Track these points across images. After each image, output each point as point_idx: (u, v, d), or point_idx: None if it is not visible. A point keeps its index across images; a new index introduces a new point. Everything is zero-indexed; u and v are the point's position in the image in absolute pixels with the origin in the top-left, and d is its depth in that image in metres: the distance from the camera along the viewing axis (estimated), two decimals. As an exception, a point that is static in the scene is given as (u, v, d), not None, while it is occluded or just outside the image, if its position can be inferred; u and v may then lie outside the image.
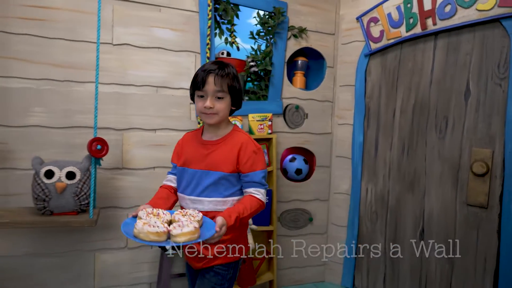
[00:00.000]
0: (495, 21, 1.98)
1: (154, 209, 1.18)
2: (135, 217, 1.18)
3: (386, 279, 2.46)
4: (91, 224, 1.71)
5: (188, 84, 2.17)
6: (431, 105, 2.24)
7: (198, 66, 2.24)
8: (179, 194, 1.38)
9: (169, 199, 1.38)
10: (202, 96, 1.28)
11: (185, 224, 1.05)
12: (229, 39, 2.39)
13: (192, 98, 1.36)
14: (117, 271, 2.14)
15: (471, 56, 2.09)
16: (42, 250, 1.98)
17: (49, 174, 1.66)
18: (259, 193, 1.32)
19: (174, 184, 1.43)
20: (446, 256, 2.18)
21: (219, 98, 1.27)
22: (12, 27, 1.86)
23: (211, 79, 1.25)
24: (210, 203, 1.30)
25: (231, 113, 1.37)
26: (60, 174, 1.68)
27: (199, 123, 2.22)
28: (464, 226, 2.11)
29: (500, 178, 1.97)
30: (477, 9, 2.01)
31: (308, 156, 2.63)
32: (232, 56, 2.43)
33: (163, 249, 1.74)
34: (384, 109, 2.45)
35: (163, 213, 1.16)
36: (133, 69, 2.10)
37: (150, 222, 1.04)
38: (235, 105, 1.35)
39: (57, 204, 1.67)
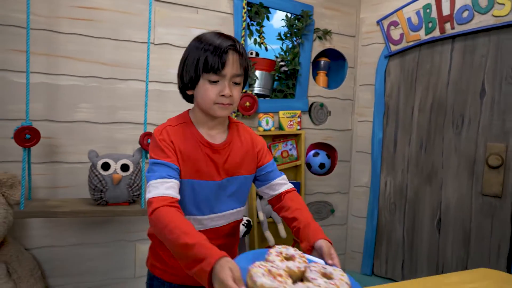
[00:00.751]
0: (509, 26, 2.16)
1: (290, 249, 0.82)
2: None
3: (404, 266, 2.63)
4: (143, 213, 1.81)
5: None
6: (448, 104, 2.42)
7: (232, 65, 2.35)
8: (193, 217, 1.01)
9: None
10: (215, 82, 0.94)
11: None
12: (258, 39, 2.51)
13: (188, 84, 0.99)
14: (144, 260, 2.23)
15: (486, 58, 2.26)
16: (87, 241, 2.07)
17: (106, 166, 1.76)
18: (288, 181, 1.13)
19: (179, 196, 0.93)
20: (462, 244, 2.36)
21: (236, 83, 0.97)
22: (62, 27, 1.94)
23: (231, 58, 0.93)
24: (232, 215, 1.06)
25: None
26: (115, 166, 1.77)
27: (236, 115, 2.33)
28: (480, 215, 2.29)
29: (513, 170, 2.16)
30: (493, 15, 2.19)
31: (330, 151, 2.78)
32: (260, 56, 2.55)
33: None
34: (403, 108, 2.62)
35: (299, 258, 0.78)
36: (172, 67, 2.20)
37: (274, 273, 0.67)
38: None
39: (112, 194, 1.77)
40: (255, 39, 2.51)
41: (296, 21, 2.51)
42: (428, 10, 2.42)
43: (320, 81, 2.71)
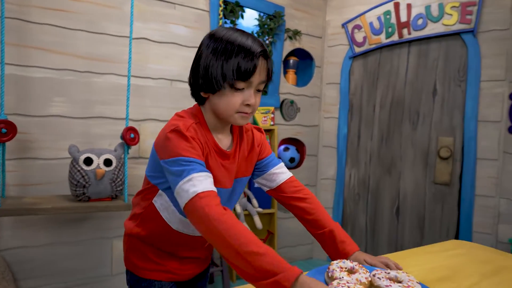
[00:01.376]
0: (456, 34, 2.45)
1: (347, 262, 0.81)
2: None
3: (367, 251, 2.85)
4: (127, 208, 1.80)
5: None
6: (405, 102, 2.67)
7: (209, 61, 2.39)
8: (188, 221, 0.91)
9: None
10: (241, 89, 0.84)
11: None
12: (232, 37, 2.57)
13: (207, 86, 0.86)
14: (132, 256, 2.22)
15: (437, 61, 2.54)
16: (61, 240, 2.00)
17: (88, 161, 1.73)
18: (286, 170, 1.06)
19: None
20: (417, 228, 2.63)
21: (258, 90, 0.88)
22: (34, 16, 1.86)
23: (261, 64, 0.84)
24: None
25: None
26: (98, 161, 1.74)
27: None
28: (432, 202, 2.57)
29: (459, 161, 2.45)
30: (443, 24, 2.47)
31: (299, 146, 2.93)
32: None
33: None
34: (365, 105, 2.84)
35: (360, 269, 0.79)
36: (150, 62, 2.19)
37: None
38: None
39: (95, 190, 1.74)
40: (229, 37, 2.57)
41: (268, 20, 2.61)
42: (388, 16, 2.65)
43: (289, 79, 2.84)
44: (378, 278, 0.73)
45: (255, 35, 2.63)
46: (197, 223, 0.75)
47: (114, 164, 1.79)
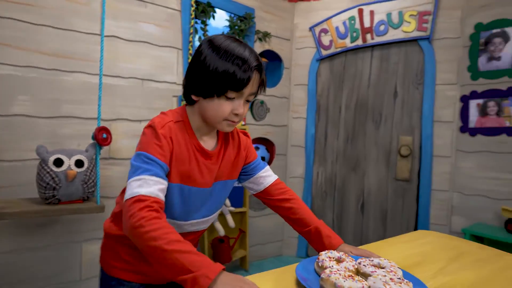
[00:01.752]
0: (414, 41, 2.64)
1: (334, 252, 0.86)
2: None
3: (334, 245, 2.98)
4: (100, 210, 1.76)
5: (171, 78, 2.33)
6: (369, 103, 2.82)
7: (181, 61, 2.39)
8: (173, 221, 0.94)
9: None
10: (231, 99, 0.86)
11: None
12: (202, 38, 2.58)
13: (198, 90, 0.88)
14: (97, 261, 2.16)
15: (398, 65, 2.72)
16: (26, 245, 1.90)
17: (58, 162, 1.66)
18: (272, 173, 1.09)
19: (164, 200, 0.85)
20: (380, 222, 2.79)
21: (247, 101, 0.90)
22: (-5, 10, 1.76)
23: (254, 77, 0.86)
24: (212, 218, 1.04)
25: None
26: (69, 162, 1.69)
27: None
28: (394, 197, 2.74)
29: (418, 158, 2.64)
30: (402, 30, 2.64)
31: (269, 145, 2.99)
32: (205, 54, 2.62)
33: None
34: (332, 106, 2.96)
35: (347, 258, 0.84)
36: (121, 61, 2.15)
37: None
38: None
39: (66, 192, 1.68)
40: (200, 37, 2.57)
41: (239, 22, 2.65)
42: (352, 22, 2.79)
43: (259, 80, 2.90)
44: (363, 265, 0.79)
45: (226, 36, 2.67)
46: (124, 222, 0.77)
47: (85, 165, 1.74)
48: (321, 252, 0.85)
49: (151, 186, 0.79)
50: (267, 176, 1.07)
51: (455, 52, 2.52)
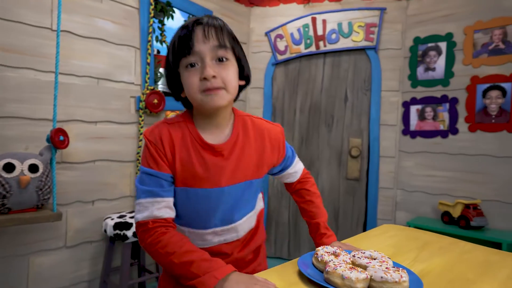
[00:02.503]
0: (362, 50, 2.85)
1: (328, 247, 0.89)
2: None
3: (290, 245, 3.08)
4: (57, 218, 1.63)
5: (129, 78, 2.24)
6: (322, 107, 2.98)
7: (138, 60, 2.30)
8: (193, 230, 0.89)
9: None
10: (192, 65, 0.80)
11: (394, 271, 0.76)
12: (160, 37, 2.52)
13: (174, 83, 0.86)
14: (54, 273, 1.99)
15: (348, 72, 2.91)
16: (-37, 262, 1.69)
17: (9, 167, 1.51)
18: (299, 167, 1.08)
19: (174, 213, 0.85)
20: (333, 220, 2.95)
21: (220, 60, 0.80)
22: None
23: (200, 33, 0.79)
24: (243, 225, 0.93)
25: (239, 91, 0.89)
26: (22, 167, 1.54)
27: (140, 116, 2.28)
28: (345, 195, 2.92)
29: (366, 158, 2.85)
30: (352, 40, 2.84)
31: (226, 148, 3.01)
32: (161, 54, 2.56)
33: None
34: (287, 109, 3.07)
35: (342, 252, 0.89)
36: (74, 58, 2.01)
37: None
38: (244, 77, 0.89)
39: (18, 200, 1.53)
40: (157, 37, 2.51)
41: (198, 23, 2.63)
42: (306, 29, 2.92)
43: (216, 82, 2.90)
44: (358, 258, 0.86)
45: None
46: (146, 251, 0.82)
47: (40, 170, 1.60)
48: (318, 248, 0.90)
49: (148, 209, 0.80)
50: (294, 172, 1.08)
51: (398, 62, 2.78)
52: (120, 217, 2.02)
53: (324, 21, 2.87)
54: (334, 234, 1.06)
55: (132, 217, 2.03)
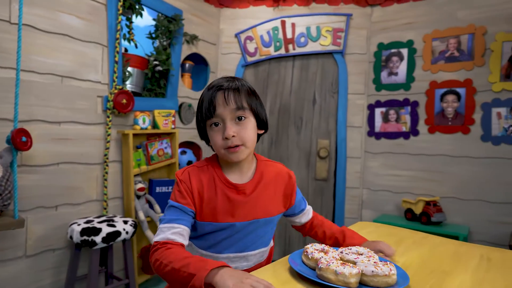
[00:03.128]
0: (330, 53, 2.94)
1: (317, 245, 0.95)
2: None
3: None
4: (19, 225, 1.52)
5: (95, 77, 2.15)
6: (291, 109, 3.03)
7: (106, 59, 2.20)
8: (207, 253, 0.99)
9: None
10: (216, 125, 0.94)
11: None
12: (127, 35, 2.43)
13: (203, 134, 1.01)
14: (13, 285, 1.85)
15: (316, 75, 2.98)
16: None
17: (-35, 171, 1.38)
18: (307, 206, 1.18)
19: (187, 242, 0.94)
20: (302, 219, 3.00)
21: (239, 119, 0.93)
22: None
23: (221, 98, 0.92)
24: (255, 257, 1.02)
25: (257, 138, 1.02)
26: (-21, 171, 1.42)
27: (108, 116, 2.19)
28: (314, 195, 2.99)
29: (334, 159, 2.94)
30: (320, 44, 2.92)
31: (195, 149, 2.96)
32: (130, 53, 2.47)
33: None
34: (257, 110, 3.08)
35: (330, 249, 0.93)
36: (35, 54, 1.88)
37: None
38: (262, 127, 1.02)
39: (-25, 206, 1.41)
40: (124, 35, 2.42)
41: (167, 22, 2.57)
42: (276, 32, 2.96)
43: (185, 83, 2.85)
44: (346, 254, 0.88)
45: (153, 35, 2.56)
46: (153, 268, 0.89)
47: (0, 173, 1.48)
48: (307, 246, 0.92)
49: (164, 233, 0.90)
50: (303, 215, 1.15)
51: (363, 66, 2.90)
52: (87, 222, 1.92)
53: (293, 25, 2.93)
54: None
55: (100, 222, 1.94)
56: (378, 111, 2.86)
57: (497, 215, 2.39)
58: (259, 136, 1.02)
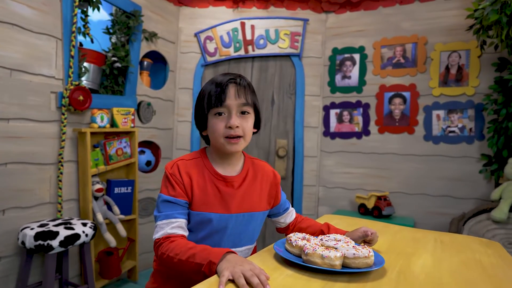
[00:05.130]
0: (288, 56, 3.05)
1: (298, 234, 0.99)
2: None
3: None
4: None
5: (49, 71, 2.04)
6: (250, 109, 3.08)
7: (60, 53, 2.08)
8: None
9: None
10: (220, 114, 0.97)
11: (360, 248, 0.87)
12: (83, 29, 2.32)
13: (201, 123, 1.03)
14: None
15: (274, 76, 3.07)
16: None
17: None
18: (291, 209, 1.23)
19: (187, 233, 0.98)
20: (261, 217, 3.07)
21: (243, 113, 0.98)
22: None
23: (232, 90, 0.97)
24: (242, 253, 1.06)
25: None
26: None
27: (63, 114, 2.06)
28: (273, 193, 3.06)
29: (292, 158, 3.05)
30: (278, 46, 3.01)
31: (154, 149, 2.89)
32: (85, 47, 2.36)
33: None
34: (217, 110, 3.09)
35: (311, 236, 0.99)
36: (-18, 44, 1.73)
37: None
38: (257, 126, 1.08)
39: None
40: (79, 28, 2.30)
41: (125, 17, 2.49)
42: (236, 33, 3.00)
43: (143, 81, 2.78)
44: (326, 240, 0.95)
45: (110, 30, 2.47)
46: (160, 263, 0.98)
47: None
48: (289, 235, 0.96)
49: (164, 229, 0.94)
50: (287, 214, 1.20)
51: (319, 69, 3.04)
52: (41, 226, 1.80)
53: (252, 27, 2.99)
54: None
55: (55, 225, 1.83)
56: (333, 112, 3.02)
57: (437, 207, 2.65)
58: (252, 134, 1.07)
